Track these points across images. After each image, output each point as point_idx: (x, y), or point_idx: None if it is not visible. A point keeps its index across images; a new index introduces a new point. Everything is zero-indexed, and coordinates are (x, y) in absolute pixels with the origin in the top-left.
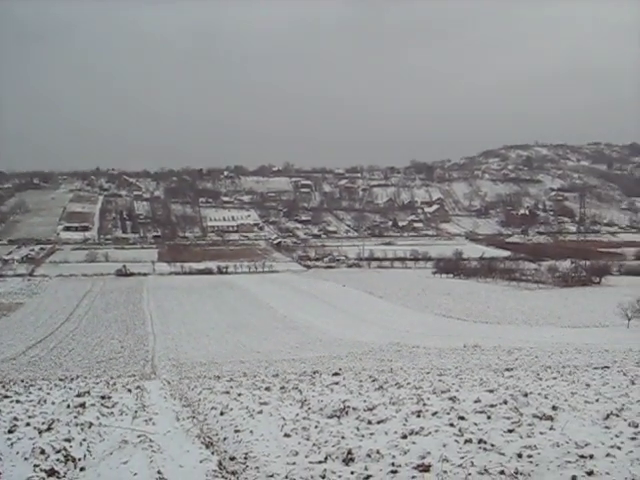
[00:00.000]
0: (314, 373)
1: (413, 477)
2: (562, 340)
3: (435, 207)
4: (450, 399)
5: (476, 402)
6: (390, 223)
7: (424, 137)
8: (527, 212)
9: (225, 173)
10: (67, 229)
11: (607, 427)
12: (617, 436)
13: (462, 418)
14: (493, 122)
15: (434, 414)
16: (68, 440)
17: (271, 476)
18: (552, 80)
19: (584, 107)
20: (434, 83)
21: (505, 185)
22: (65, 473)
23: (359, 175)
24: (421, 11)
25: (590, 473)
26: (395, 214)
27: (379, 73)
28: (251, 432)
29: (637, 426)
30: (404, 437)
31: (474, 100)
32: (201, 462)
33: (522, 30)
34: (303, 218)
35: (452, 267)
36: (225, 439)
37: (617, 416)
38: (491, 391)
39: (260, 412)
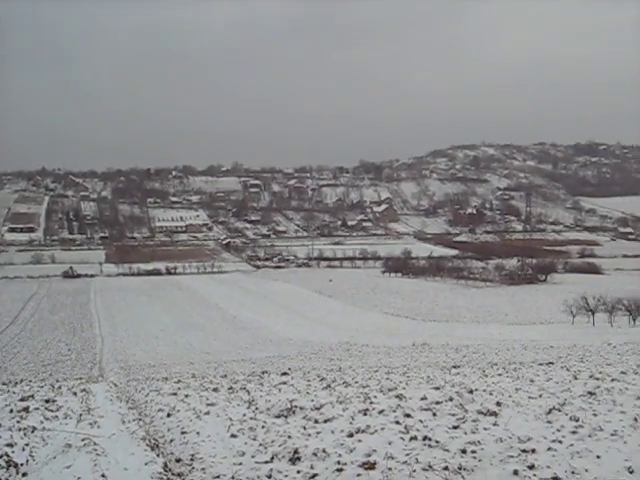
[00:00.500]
0: (263, 373)
1: (358, 475)
2: (509, 337)
3: (384, 207)
4: (397, 397)
5: (422, 399)
6: (339, 223)
7: (373, 137)
8: (474, 211)
9: (174, 173)
10: (12, 230)
11: (549, 422)
12: (559, 430)
13: (408, 415)
14: (441, 122)
15: (381, 412)
16: (10, 445)
17: (217, 477)
18: (501, 81)
19: (530, 108)
20: (383, 83)
21: (453, 184)
22: (7, 479)
23: (308, 175)
24: (369, 11)
25: (531, 467)
26: (344, 214)
27: (328, 73)
28: (198, 433)
29: (578, 420)
30: (350, 435)
31: (422, 100)
32: (146, 464)
33: (473, 30)
34: (252, 218)
35: (401, 266)
36: (172, 441)
37: (559, 411)
38: (437, 388)
39: (207, 413)
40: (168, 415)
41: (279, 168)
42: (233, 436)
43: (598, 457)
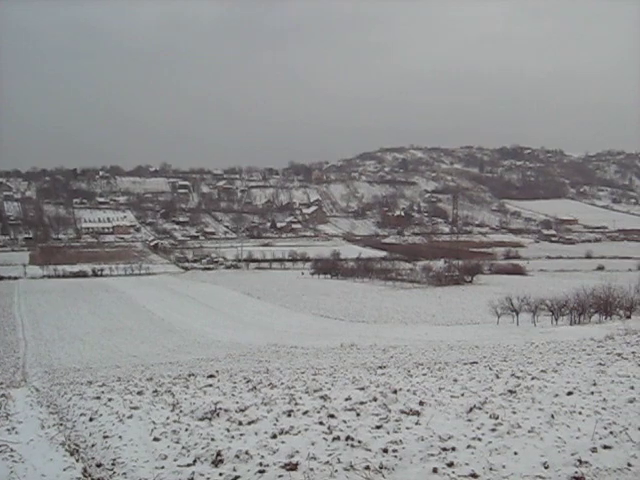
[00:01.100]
0: (189, 376)
1: (280, 476)
2: (436, 337)
3: (313, 208)
4: (322, 398)
5: (347, 400)
6: (269, 224)
7: (303, 139)
8: (403, 213)
9: (100, 173)
10: None
11: (470, 420)
12: (479, 428)
13: (332, 416)
14: (371, 126)
15: (305, 413)
16: None
17: None
18: (429, 84)
19: (458, 111)
20: (314, 86)
21: (381, 187)
22: None
23: (238, 176)
24: (301, 12)
25: (450, 464)
26: (274, 215)
27: (260, 75)
28: (120, 437)
29: (497, 418)
30: (274, 437)
31: (352, 104)
32: (64, 470)
33: (404, 34)
34: (181, 219)
35: (330, 268)
36: (93, 445)
37: (480, 409)
38: (362, 389)
39: (130, 417)
40: (90, 419)
41: (208, 169)
42: (156, 440)
43: (515, 453)
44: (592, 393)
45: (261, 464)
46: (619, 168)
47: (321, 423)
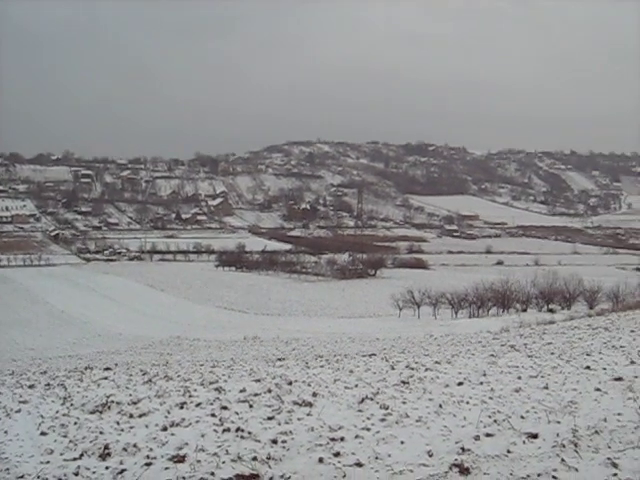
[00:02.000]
0: (85, 369)
1: (167, 468)
2: (338, 330)
3: (219, 200)
4: (216, 390)
5: (241, 392)
6: (174, 216)
7: (210, 130)
8: (308, 207)
9: None
10: None
11: (360, 410)
12: (369, 418)
13: (225, 408)
14: (278, 118)
15: (198, 405)
16: None
17: (21, 477)
18: (338, 79)
19: (365, 107)
20: (222, 75)
21: (288, 180)
22: None
23: (142, 166)
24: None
25: (337, 454)
26: (179, 207)
27: (165, 63)
28: (5, 432)
29: (387, 408)
30: (164, 429)
31: (262, 96)
32: None
33: (313, 29)
34: (83, 209)
35: (235, 260)
36: None
37: (372, 400)
38: (258, 380)
39: (18, 411)
40: None
41: (112, 158)
42: (43, 434)
43: (402, 443)
44: (481, 383)
45: (148, 456)
46: (519, 166)
47: (213, 415)
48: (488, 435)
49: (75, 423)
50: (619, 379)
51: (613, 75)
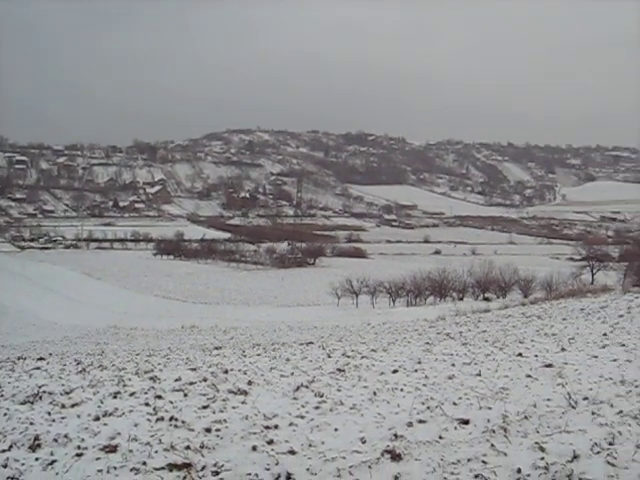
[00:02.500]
0: (18, 359)
1: (98, 458)
2: (277, 319)
3: (157, 188)
4: (151, 379)
5: (177, 381)
6: (111, 203)
7: (148, 117)
8: (248, 195)
9: None
10: None
11: (295, 398)
12: (303, 406)
13: (159, 397)
14: (218, 106)
15: (132, 394)
16: None
17: None
18: (279, 69)
19: (305, 96)
20: (160, 60)
21: (227, 168)
22: None
23: (79, 153)
24: None
25: (270, 442)
26: (116, 194)
27: (101, 47)
28: None
29: (322, 396)
30: (97, 419)
31: (199, 83)
32: None
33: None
34: (17, 196)
35: (173, 248)
36: None
37: (307, 387)
38: (194, 369)
39: None
40: None
41: (48, 144)
42: None
43: (336, 430)
44: (416, 371)
45: (79, 447)
46: (457, 157)
47: (147, 404)
48: (421, 421)
49: (5, 414)
50: (549, 366)
51: (548, 69)
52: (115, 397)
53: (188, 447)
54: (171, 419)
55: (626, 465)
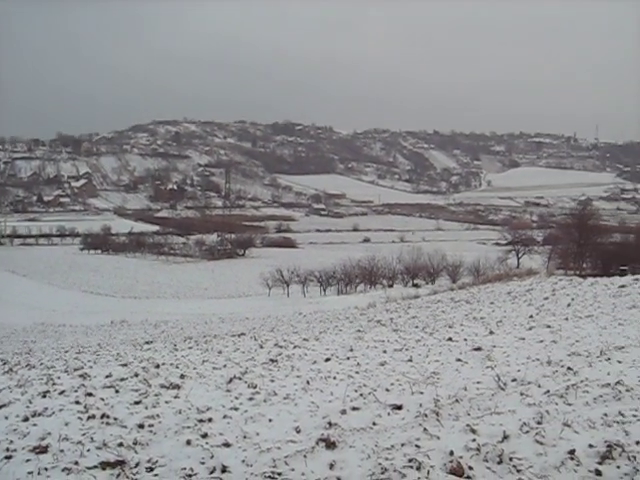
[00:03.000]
0: None
1: (28, 460)
2: (208, 311)
3: (83, 182)
4: (81, 376)
5: (107, 377)
6: (35, 198)
7: (72, 109)
8: (176, 187)
9: None
10: None
11: (229, 390)
12: (237, 398)
13: (90, 394)
14: (143, 97)
15: (61, 393)
16: None
17: None
18: (200, 61)
19: (233, 86)
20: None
21: (154, 160)
22: None
23: (0, 147)
24: None
25: (205, 435)
26: (40, 189)
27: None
28: None
29: (255, 387)
30: (25, 420)
31: (124, 74)
32: None
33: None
34: None
35: (100, 243)
36: None
37: (240, 379)
38: (125, 365)
39: None
40: None
41: None
42: None
43: (270, 420)
44: (348, 358)
45: (8, 449)
46: (384, 145)
47: (77, 402)
48: (354, 409)
49: None
50: (478, 349)
51: (472, 56)
52: (44, 396)
53: (121, 444)
54: (103, 416)
55: (554, 443)
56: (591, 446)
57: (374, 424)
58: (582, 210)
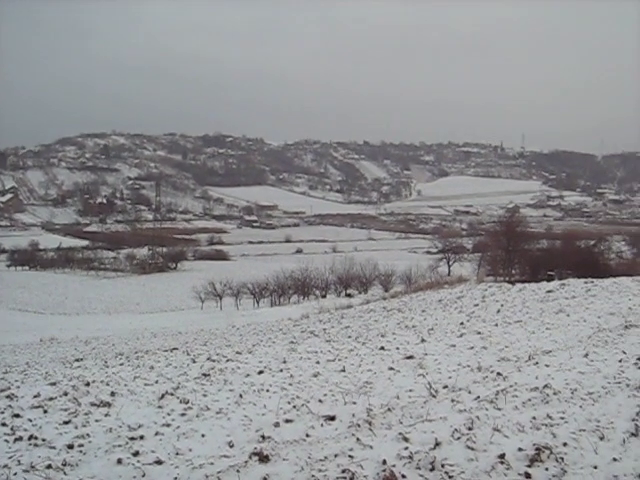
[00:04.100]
0: None
1: None
2: (140, 326)
3: (9, 196)
4: (8, 397)
5: (35, 397)
6: None
7: None
8: (105, 201)
9: None
10: None
11: (160, 407)
12: (169, 414)
13: (17, 415)
14: (70, 109)
15: None
16: None
17: None
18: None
19: (162, 98)
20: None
21: (83, 173)
22: None
23: None
24: None
25: (136, 453)
26: None
27: None
28: None
29: (188, 402)
30: None
31: (51, 87)
32: None
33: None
34: None
35: (28, 259)
36: None
37: (172, 395)
38: (53, 384)
39: None
40: None
41: None
42: None
43: (203, 436)
44: (281, 370)
45: None
46: (315, 156)
47: (4, 424)
48: (287, 421)
49: None
50: (410, 357)
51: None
52: None
53: (49, 466)
54: (30, 438)
55: (484, 448)
56: (520, 449)
57: (307, 436)
58: (510, 217)
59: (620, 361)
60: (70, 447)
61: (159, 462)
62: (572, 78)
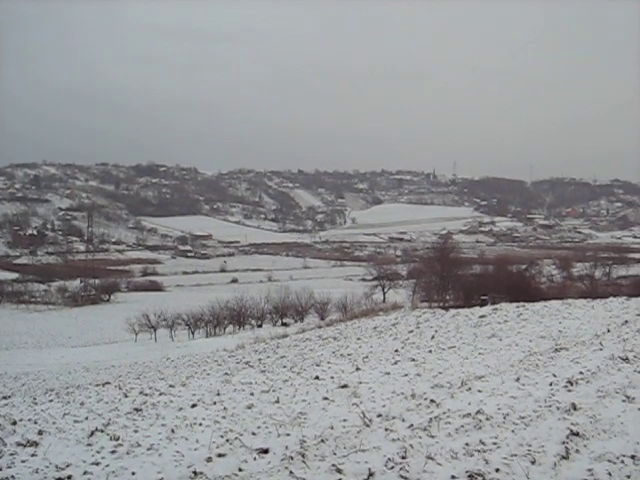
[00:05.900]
0: None
1: None
2: (72, 360)
3: None
4: None
5: None
6: None
7: None
8: (36, 232)
9: None
10: None
11: (90, 444)
12: (99, 452)
13: None
14: None
15: None
16: None
17: None
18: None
19: (93, 128)
20: None
21: (12, 205)
22: None
23: None
24: None
25: None
26: None
27: None
28: None
29: (118, 439)
30: None
31: None
32: None
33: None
34: None
35: None
36: None
37: (102, 432)
38: None
39: None
40: None
41: None
42: None
43: (133, 474)
44: (215, 403)
45: None
46: (249, 185)
47: None
48: (220, 455)
49: None
50: (345, 386)
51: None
52: None
53: None
54: None
55: (418, 477)
56: (453, 477)
57: (240, 470)
58: (443, 244)
59: (551, 384)
60: None
61: None
62: (499, 106)
